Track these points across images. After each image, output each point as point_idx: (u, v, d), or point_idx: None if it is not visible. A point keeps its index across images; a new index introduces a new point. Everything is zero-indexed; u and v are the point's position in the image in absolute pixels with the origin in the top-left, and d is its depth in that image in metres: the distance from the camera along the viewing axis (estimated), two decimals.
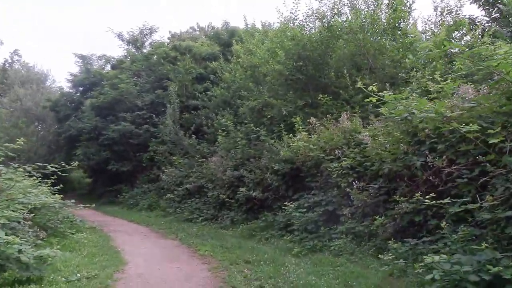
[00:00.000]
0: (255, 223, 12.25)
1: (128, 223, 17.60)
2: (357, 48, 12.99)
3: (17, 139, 9.15)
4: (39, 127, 38.13)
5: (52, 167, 9.48)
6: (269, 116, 14.41)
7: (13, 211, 8.23)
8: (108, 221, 17.93)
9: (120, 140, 25.19)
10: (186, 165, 19.46)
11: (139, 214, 20.12)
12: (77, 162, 15.22)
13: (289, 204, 9.94)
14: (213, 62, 22.67)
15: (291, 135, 12.11)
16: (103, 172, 28.62)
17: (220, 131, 16.39)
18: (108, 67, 31.00)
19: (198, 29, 36.33)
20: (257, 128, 13.24)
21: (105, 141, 25.36)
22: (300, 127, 11.41)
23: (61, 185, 25.62)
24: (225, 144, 16.02)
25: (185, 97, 24.25)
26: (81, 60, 31.29)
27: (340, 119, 10.34)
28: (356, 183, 8.71)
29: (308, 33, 13.70)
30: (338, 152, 9.65)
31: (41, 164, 9.66)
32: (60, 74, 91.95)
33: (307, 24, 14.30)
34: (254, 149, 14.36)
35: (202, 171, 18.03)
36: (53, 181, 17.87)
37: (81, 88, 30.72)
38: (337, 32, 13.12)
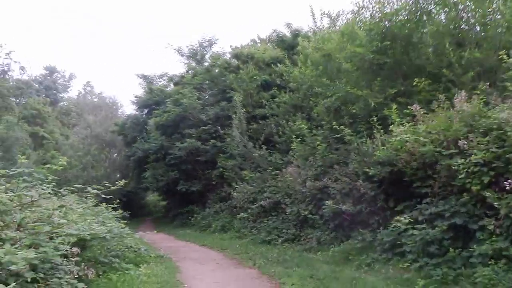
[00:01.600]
0: (350, 244, 9.88)
1: (200, 248, 15.87)
2: (457, 19, 10.39)
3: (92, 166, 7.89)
4: (109, 153, 38.22)
5: (93, 188, 7.77)
6: (352, 112, 12.04)
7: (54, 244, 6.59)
8: (178, 247, 16.35)
9: (187, 158, 23.85)
10: (258, 180, 17.48)
11: (212, 237, 18.38)
12: (145, 184, 14.06)
13: (400, 218, 7.43)
14: (278, 65, 20.67)
15: (382, 131, 9.73)
16: (173, 194, 27.52)
17: (293, 137, 14.24)
18: (171, 85, 30.12)
19: (259, 41, 34.75)
20: (341, 126, 10.89)
21: (172, 161, 24.14)
22: (398, 119, 8.95)
23: (127, 211, 24.51)
24: (301, 151, 13.84)
25: (251, 106, 22.43)
26: (143, 81, 30.74)
27: (457, 99, 7.78)
28: (501, 183, 6.13)
29: (391, 8, 11.24)
30: (463, 144, 7.09)
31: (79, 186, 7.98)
32: (127, 99, 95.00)
33: None
34: (337, 153, 12.04)
35: (277, 185, 15.95)
36: (115, 205, 16.76)
37: (145, 109, 30.07)
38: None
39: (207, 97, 25.12)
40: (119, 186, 7.93)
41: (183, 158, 23.82)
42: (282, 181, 15.48)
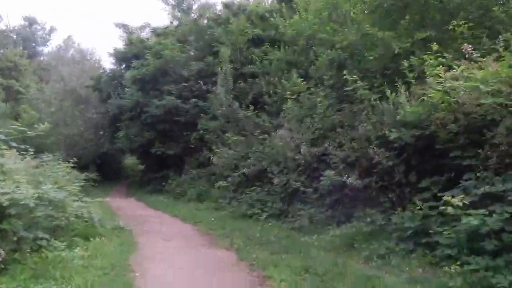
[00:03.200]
0: (353, 227, 7.71)
1: (170, 219, 13.68)
2: None
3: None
4: (84, 110, 35.27)
5: None
6: (362, 65, 9.72)
7: None
8: (146, 216, 14.15)
9: (165, 118, 21.33)
10: (242, 144, 15.17)
11: (186, 206, 16.19)
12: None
13: (450, 197, 5.15)
14: (274, 15, 18.07)
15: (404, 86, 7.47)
16: (149, 157, 25.10)
17: (288, 94, 11.91)
18: (154, 38, 27.20)
19: None
20: (353, 77, 8.53)
21: (148, 120, 21.60)
22: (433, 69, 6.63)
23: (97, 174, 21.96)
24: (296, 111, 11.55)
25: (239, 63, 19.91)
26: (123, 32, 27.72)
27: None
28: None
29: None
30: None
31: None
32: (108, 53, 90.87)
33: None
34: (341, 114, 9.78)
35: (263, 151, 13.68)
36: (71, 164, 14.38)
37: (124, 63, 27.19)
38: None
39: (191, 51, 22.43)
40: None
41: (160, 117, 21.30)
42: (270, 147, 13.22)
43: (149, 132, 22.11)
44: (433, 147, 6.74)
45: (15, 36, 61.88)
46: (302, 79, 12.24)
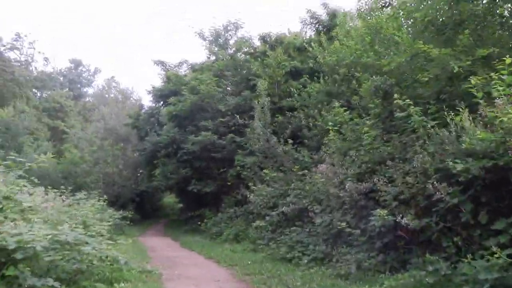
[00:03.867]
0: (411, 277, 6.50)
1: (205, 261, 12.76)
2: None
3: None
4: (123, 148, 35.50)
5: None
6: (410, 91, 8.72)
7: None
8: (179, 257, 13.30)
9: (201, 154, 20.81)
10: (280, 181, 14.26)
11: (222, 247, 15.24)
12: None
13: None
14: (312, 45, 17.42)
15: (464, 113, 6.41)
16: (185, 195, 24.57)
17: (329, 125, 10.99)
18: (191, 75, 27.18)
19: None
20: (406, 101, 7.53)
21: (184, 156, 21.14)
22: (506, 87, 5.58)
23: (133, 213, 21.39)
24: (339, 144, 10.58)
25: (277, 96, 19.30)
26: (161, 69, 27.91)
27: None
28: None
29: None
30: None
31: None
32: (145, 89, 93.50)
33: None
34: (391, 145, 8.73)
35: (304, 188, 12.71)
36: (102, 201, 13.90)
37: (161, 100, 27.18)
38: None
39: (228, 86, 22.04)
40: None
41: (196, 154, 20.79)
42: (311, 183, 12.25)
43: (186, 170, 21.59)
44: (508, 180, 5.61)
45: (61, 78, 64.64)
46: (345, 108, 11.28)
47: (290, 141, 15.27)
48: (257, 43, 23.95)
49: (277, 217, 13.00)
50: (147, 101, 31.62)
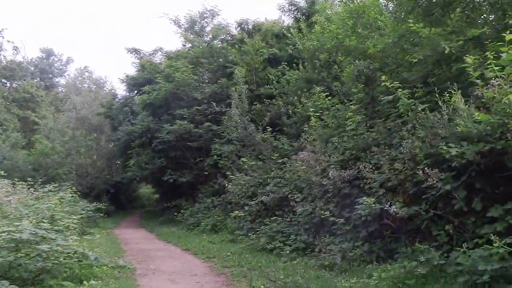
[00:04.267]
0: (402, 267, 6.17)
1: (182, 253, 12.26)
2: None
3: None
4: (97, 138, 34.50)
5: None
6: (394, 76, 8.39)
7: None
8: (154, 250, 12.76)
9: (176, 144, 20.19)
10: (259, 169, 13.85)
11: (199, 238, 14.76)
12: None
13: None
14: (291, 30, 16.96)
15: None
16: (161, 185, 23.92)
17: (311, 111, 10.59)
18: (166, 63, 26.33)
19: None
20: (394, 83, 7.16)
21: (159, 146, 20.44)
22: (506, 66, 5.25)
23: (106, 204, 20.72)
24: (321, 130, 10.20)
25: (255, 84, 18.83)
26: (135, 57, 26.91)
27: None
28: None
29: None
30: None
31: None
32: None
33: None
34: (376, 131, 8.40)
35: (283, 176, 12.35)
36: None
37: (135, 89, 26.29)
38: None
39: (204, 73, 21.41)
40: None
41: (172, 143, 20.16)
42: (291, 171, 11.89)
43: (161, 159, 20.92)
44: (504, 165, 5.32)
45: (32, 68, 62.56)
46: (327, 94, 10.90)
47: (269, 128, 14.85)
48: (234, 30, 23.43)
49: (256, 207, 12.61)
50: (121, 91, 30.72)
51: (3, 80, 53.43)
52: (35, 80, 56.69)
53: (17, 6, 79.06)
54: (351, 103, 9.89)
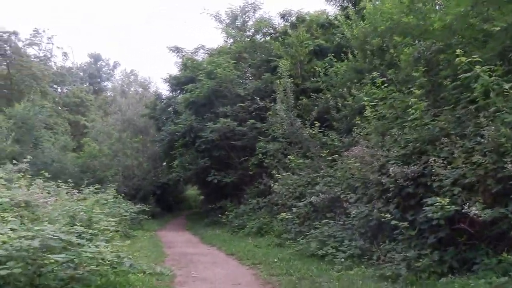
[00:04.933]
0: (488, 281, 5.03)
1: (226, 258, 11.45)
2: None
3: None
4: (143, 140, 34.50)
5: None
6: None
7: None
8: (197, 256, 12.00)
9: (220, 143, 19.50)
10: (307, 168, 12.84)
11: (244, 242, 13.92)
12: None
13: None
14: (338, 18, 15.83)
15: None
16: (206, 186, 23.38)
17: (365, 100, 9.47)
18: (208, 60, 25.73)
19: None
20: (472, 57, 6.00)
21: (203, 145, 19.82)
22: None
23: (151, 205, 20.24)
24: (378, 122, 9.08)
25: (300, 78, 17.81)
26: (177, 56, 26.50)
27: None
28: None
29: None
30: None
31: None
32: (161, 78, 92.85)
33: None
34: (445, 119, 7.20)
35: (334, 175, 11.29)
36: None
37: (178, 89, 25.87)
38: None
39: (247, 69, 20.55)
40: None
41: (215, 142, 19.48)
42: (343, 169, 10.82)
43: (204, 159, 20.30)
44: None
45: (81, 73, 64.55)
46: (383, 80, 9.73)
47: (317, 124, 13.78)
48: (276, 23, 22.44)
49: (304, 208, 11.62)
50: (165, 91, 30.46)
51: (54, 86, 55.38)
52: (85, 85, 58.42)
53: (65, 12, 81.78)
54: (410, 89, 8.71)
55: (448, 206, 5.79)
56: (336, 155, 11.67)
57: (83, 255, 6.17)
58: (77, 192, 15.04)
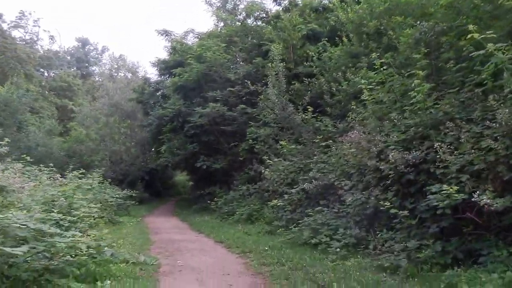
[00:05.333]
0: (500, 276, 4.67)
1: (214, 246, 11.04)
2: None
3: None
4: (130, 124, 33.80)
5: None
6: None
7: None
8: (185, 242, 11.59)
9: (209, 128, 19.01)
10: (300, 154, 12.42)
11: (234, 229, 13.55)
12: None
13: None
14: (333, 0, 15.33)
15: None
16: (195, 172, 22.91)
17: (363, 84, 9.02)
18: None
19: None
20: (486, 34, 5.57)
21: (191, 130, 19.29)
22: None
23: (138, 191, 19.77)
24: (376, 106, 8.67)
25: (292, 62, 17.31)
26: (166, 39, 25.73)
27: None
28: None
29: None
30: None
31: None
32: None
33: None
34: (449, 103, 6.80)
35: (328, 161, 10.89)
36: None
37: (167, 73, 25.19)
38: None
39: (238, 53, 19.99)
40: None
41: (204, 127, 18.98)
42: (337, 155, 10.42)
43: (193, 145, 19.81)
44: None
45: (69, 57, 63.24)
46: (381, 62, 9.28)
47: (310, 108, 13.33)
48: (269, 6, 21.84)
49: (297, 195, 11.22)
50: (154, 76, 29.76)
51: (40, 69, 54.19)
52: (72, 69, 57.26)
53: (65, 12, 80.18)
54: (410, 72, 8.28)
55: (456, 195, 5.41)
56: (330, 141, 11.25)
57: (57, 245, 5.70)
58: (60, 177, 14.51)
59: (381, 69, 8.71)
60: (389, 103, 8.36)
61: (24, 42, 49.00)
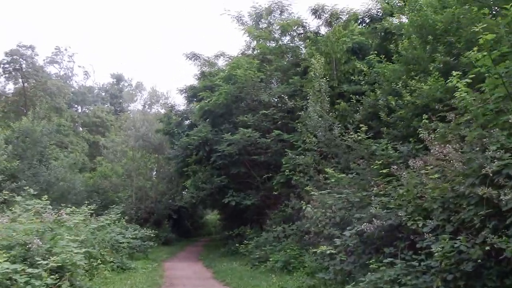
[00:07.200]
0: None
1: None
2: None
3: None
4: (157, 158, 31.87)
5: None
6: None
7: None
8: None
9: (239, 158, 16.55)
10: (354, 184, 9.65)
11: (267, 280, 10.83)
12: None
13: None
14: (387, 4, 12.88)
15: None
16: (223, 210, 20.38)
17: (455, 79, 6.31)
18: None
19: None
20: None
21: (219, 161, 16.86)
22: None
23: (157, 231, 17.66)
24: (479, 109, 5.94)
25: (336, 80, 14.78)
26: (194, 63, 23.75)
27: None
28: None
29: None
30: None
31: None
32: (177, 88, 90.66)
33: None
34: None
35: (396, 194, 8.06)
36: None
37: (194, 99, 23.07)
38: None
39: (273, 73, 17.60)
40: None
41: (233, 157, 16.53)
42: (407, 186, 7.62)
43: (220, 177, 17.31)
44: None
45: (103, 93, 63.43)
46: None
47: (363, 127, 10.57)
48: (307, 21, 19.56)
49: (351, 240, 8.37)
50: (181, 105, 27.89)
51: (75, 105, 54.10)
52: (106, 105, 56.96)
53: (89, 32, 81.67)
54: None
55: None
56: (394, 167, 8.47)
57: None
58: (66, 214, 12.31)
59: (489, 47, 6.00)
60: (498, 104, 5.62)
61: (59, 78, 49.11)
